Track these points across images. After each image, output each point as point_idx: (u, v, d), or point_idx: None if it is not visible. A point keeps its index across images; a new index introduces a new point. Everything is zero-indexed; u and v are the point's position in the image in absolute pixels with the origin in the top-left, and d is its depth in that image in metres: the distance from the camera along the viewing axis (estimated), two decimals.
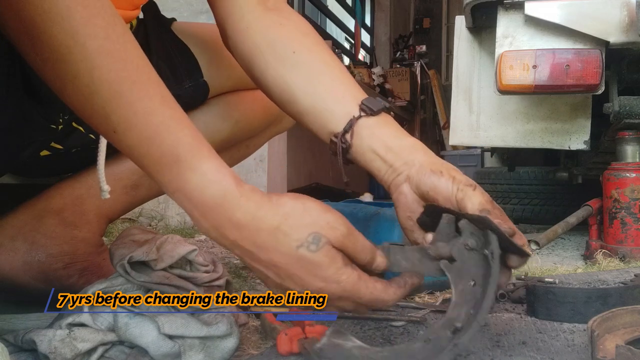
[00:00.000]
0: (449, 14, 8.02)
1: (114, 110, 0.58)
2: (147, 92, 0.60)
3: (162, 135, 0.60)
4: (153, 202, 2.46)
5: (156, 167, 0.61)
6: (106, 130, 0.60)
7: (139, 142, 0.59)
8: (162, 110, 0.61)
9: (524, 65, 1.68)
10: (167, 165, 0.60)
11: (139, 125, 0.59)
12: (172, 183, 0.61)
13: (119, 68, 0.58)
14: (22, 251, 0.97)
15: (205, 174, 0.61)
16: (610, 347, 0.69)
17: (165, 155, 0.60)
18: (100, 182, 0.84)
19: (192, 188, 0.60)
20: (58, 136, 0.91)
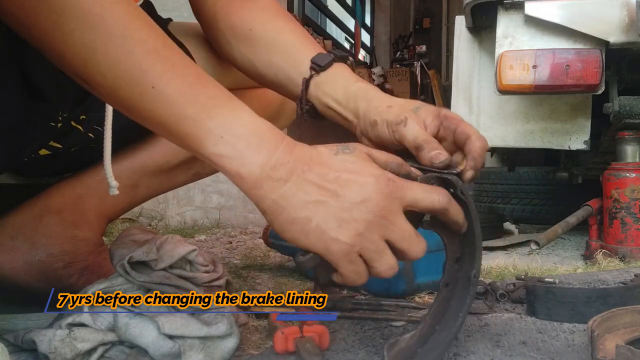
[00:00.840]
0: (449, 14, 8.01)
1: (153, 65, 0.58)
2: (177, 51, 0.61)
3: (205, 81, 0.61)
4: (153, 202, 2.47)
5: (205, 111, 0.59)
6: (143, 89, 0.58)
7: (183, 90, 0.59)
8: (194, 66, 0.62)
9: (524, 65, 1.68)
10: (217, 105, 0.60)
11: (182, 75, 0.59)
12: (222, 124, 0.59)
13: (148, 30, 0.59)
14: (23, 250, 0.97)
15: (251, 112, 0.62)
16: (610, 347, 0.69)
17: (214, 98, 0.60)
18: (108, 178, 0.85)
19: (245, 120, 0.60)
20: (57, 135, 0.91)
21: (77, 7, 0.55)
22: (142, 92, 0.58)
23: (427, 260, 1.16)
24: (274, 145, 0.60)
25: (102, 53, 0.57)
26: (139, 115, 0.61)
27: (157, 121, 0.60)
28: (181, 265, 0.79)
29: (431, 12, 8.89)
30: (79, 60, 0.57)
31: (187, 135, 0.60)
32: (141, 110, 0.60)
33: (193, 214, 2.57)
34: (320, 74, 0.79)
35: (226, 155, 0.59)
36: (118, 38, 0.57)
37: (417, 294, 1.15)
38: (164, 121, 0.60)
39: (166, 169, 1.05)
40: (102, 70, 0.57)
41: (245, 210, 2.55)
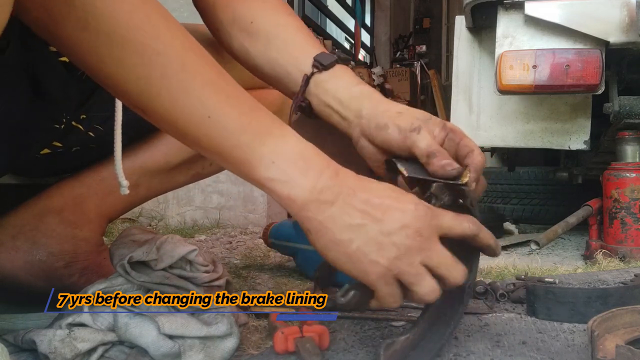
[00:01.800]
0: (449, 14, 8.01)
1: (209, 97, 0.61)
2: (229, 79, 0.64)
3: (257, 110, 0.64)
4: (153, 202, 2.47)
5: (258, 139, 0.62)
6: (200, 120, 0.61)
7: (238, 119, 0.62)
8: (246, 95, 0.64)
9: (524, 65, 1.68)
10: (268, 132, 0.63)
11: (236, 105, 0.62)
12: (274, 150, 0.62)
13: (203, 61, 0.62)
14: (23, 250, 0.97)
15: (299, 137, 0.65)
16: (610, 347, 0.69)
17: (266, 126, 0.63)
18: (119, 177, 0.85)
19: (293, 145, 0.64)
20: (59, 135, 0.92)
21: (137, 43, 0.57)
22: (199, 122, 0.61)
23: None
24: (320, 169, 0.64)
25: (160, 87, 0.59)
26: (194, 143, 0.64)
27: (212, 148, 0.63)
28: (181, 265, 0.79)
29: (431, 12, 8.88)
30: (137, 93, 0.60)
31: (241, 161, 0.63)
32: (197, 138, 0.63)
33: (193, 214, 2.57)
34: (322, 72, 0.79)
35: (277, 180, 0.63)
36: (177, 73, 0.59)
37: None
38: (218, 148, 0.63)
39: (166, 169, 1.05)
40: (161, 103, 0.60)
41: (245, 210, 2.55)
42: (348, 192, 0.63)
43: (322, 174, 0.63)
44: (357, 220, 0.62)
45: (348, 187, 0.63)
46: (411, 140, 0.72)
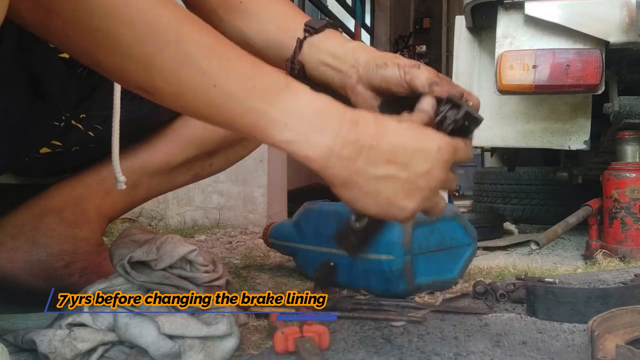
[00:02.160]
0: (449, 14, 8.01)
1: (210, 64, 0.59)
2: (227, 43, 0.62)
3: (260, 70, 0.62)
4: (153, 202, 2.47)
5: (267, 100, 0.61)
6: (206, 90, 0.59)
7: (242, 83, 0.60)
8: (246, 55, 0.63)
9: (524, 65, 1.68)
10: (277, 93, 0.61)
11: (238, 68, 0.61)
12: (285, 110, 0.61)
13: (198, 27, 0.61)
14: (23, 250, 0.97)
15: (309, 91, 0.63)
16: (610, 347, 0.69)
17: (273, 86, 0.61)
18: (116, 173, 0.85)
19: (306, 103, 0.62)
20: (58, 134, 0.91)
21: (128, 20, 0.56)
22: (205, 93, 0.60)
23: (427, 261, 1.17)
24: (338, 123, 0.62)
25: (161, 61, 0.58)
26: (204, 115, 0.62)
27: (222, 117, 0.62)
28: (181, 265, 0.79)
29: (431, 12, 8.88)
30: (139, 72, 0.59)
31: (254, 126, 0.61)
32: (206, 110, 0.61)
33: (193, 214, 2.57)
34: (314, 35, 0.81)
35: (293, 141, 0.61)
36: (175, 45, 0.58)
37: (417, 294, 1.15)
38: (229, 117, 0.61)
39: (166, 169, 1.05)
40: (164, 78, 0.59)
41: (245, 210, 2.55)
42: (371, 143, 0.62)
43: (340, 128, 0.62)
44: (384, 171, 0.63)
45: (369, 136, 0.62)
46: (411, 74, 0.74)
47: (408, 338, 0.85)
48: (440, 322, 0.94)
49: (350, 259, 1.19)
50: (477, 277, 1.30)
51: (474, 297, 1.11)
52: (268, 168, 2.57)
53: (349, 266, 1.19)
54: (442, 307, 1.04)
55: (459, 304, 1.07)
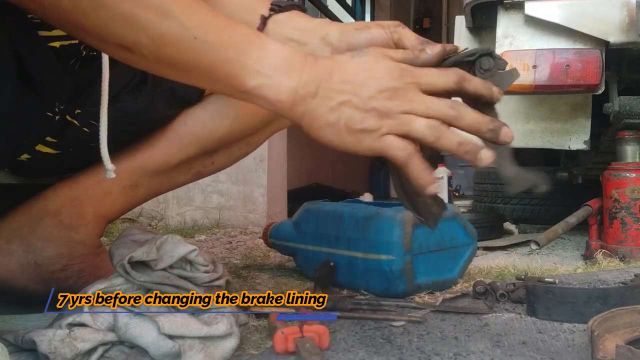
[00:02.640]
0: (449, 14, 8.01)
1: (190, 18, 0.64)
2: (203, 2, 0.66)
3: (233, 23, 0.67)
4: (153, 202, 2.47)
5: (242, 50, 0.66)
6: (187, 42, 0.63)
7: (219, 35, 0.65)
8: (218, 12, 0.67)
9: (524, 65, 1.68)
10: (250, 43, 0.66)
11: (216, 22, 0.66)
12: (258, 58, 0.66)
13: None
14: (19, 254, 0.97)
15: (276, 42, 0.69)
16: (610, 347, 0.69)
17: (246, 36, 0.67)
18: (104, 161, 0.85)
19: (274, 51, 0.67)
20: (54, 129, 0.91)
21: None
22: (187, 46, 0.64)
23: (427, 261, 1.17)
24: (300, 66, 0.67)
25: (144, 16, 0.62)
26: (184, 68, 0.66)
27: (202, 69, 0.66)
28: (181, 265, 0.79)
29: (431, 12, 8.88)
30: (123, 29, 0.62)
31: (231, 75, 0.66)
32: (187, 63, 0.65)
33: (193, 214, 2.57)
34: (279, 14, 0.83)
35: (264, 85, 0.66)
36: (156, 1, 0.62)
37: (417, 294, 1.15)
38: (209, 68, 0.66)
39: (166, 169, 1.04)
40: (148, 33, 0.62)
41: (245, 210, 2.55)
42: (325, 77, 0.66)
43: (302, 70, 0.67)
44: (338, 99, 0.66)
45: (325, 72, 0.67)
46: (399, 33, 0.74)
47: (408, 338, 0.85)
48: (440, 322, 0.94)
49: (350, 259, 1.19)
50: (477, 277, 1.30)
51: (474, 297, 1.11)
52: (268, 168, 2.57)
53: (349, 266, 1.19)
54: (442, 307, 1.04)
55: (459, 304, 1.07)
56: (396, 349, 0.80)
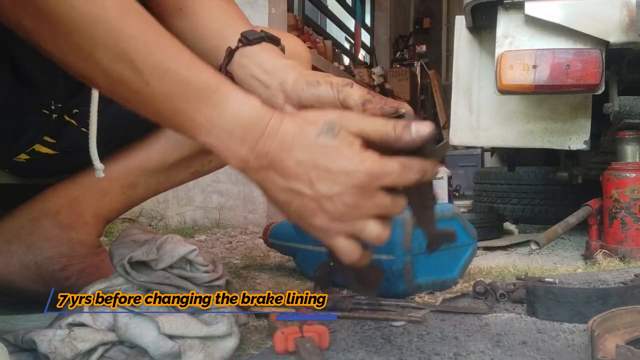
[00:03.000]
0: (449, 14, 8.01)
1: (145, 62, 0.60)
2: (168, 40, 0.63)
3: (196, 72, 0.63)
4: (153, 202, 2.47)
5: (195, 106, 0.62)
6: (138, 87, 0.61)
7: (175, 86, 0.62)
8: (185, 53, 0.64)
9: (524, 65, 1.68)
10: (205, 99, 0.63)
11: (173, 69, 0.62)
12: (211, 118, 0.63)
13: (138, 22, 0.62)
14: (19, 254, 0.97)
15: (241, 98, 0.64)
16: (610, 347, 0.69)
17: (202, 91, 0.63)
18: (93, 160, 0.85)
19: (231, 113, 0.63)
20: (51, 129, 0.91)
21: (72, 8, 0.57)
22: (138, 89, 0.61)
23: (427, 260, 1.17)
24: (258, 134, 0.63)
25: (98, 53, 0.59)
26: (135, 108, 0.64)
27: (152, 114, 0.64)
28: (181, 265, 0.79)
29: (431, 12, 8.88)
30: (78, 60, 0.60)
31: (181, 127, 0.64)
32: (139, 105, 0.63)
33: (193, 214, 2.57)
34: (248, 47, 0.80)
35: (215, 146, 0.64)
36: (111, 37, 0.59)
37: (417, 294, 1.15)
38: (158, 114, 0.64)
39: (164, 168, 1.04)
40: (101, 69, 0.60)
41: (245, 210, 2.55)
42: (282, 155, 0.63)
43: (259, 139, 0.63)
44: (291, 183, 0.63)
45: (284, 147, 0.63)
46: (345, 93, 0.71)
47: (408, 338, 0.85)
48: (440, 322, 0.94)
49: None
50: (477, 277, 1.30)
51: (474, 297, 1.11)
52: None
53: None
54: (442, 307, 1.04)
55: (459, 304, 1.07)
56: (396, 349, 0.80)
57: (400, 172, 0.64)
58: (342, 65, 5.45)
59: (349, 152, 0.63)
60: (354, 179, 0.62)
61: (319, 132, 0.64)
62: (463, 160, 5.57)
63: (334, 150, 0.63)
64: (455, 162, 5.53)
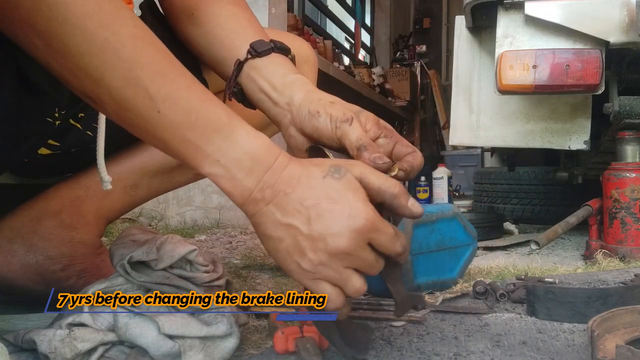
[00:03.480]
0: (449, 14, 8.01)
1: (158, 90, 0.60)
2: (182, 70, 0.63)
3: (207, 104, 0.63)
4: (153, 202, 2.47)
5: (205, 136, 0.62)
6: (148, 113, 0.61)
7: (186, 114, 0.61)
8: (198, 85, 0.64)
9: (524, 65, 1.68)
10: (216, 129, 0.62)
11: (185, 98, 0.62)
12: (220, 148, 0.62)
13: (153, 51, 0.62)
14: (20, 253, 0.97)
15: (249, 132, 0.64)
16: (610, 347, 0.69)
17: (214, 122, 0.63)
18: (101, 173, 0.85)
19: (241, 144, 0.63)
20: (55, 133, 0.91)
21: (86, 31, 0.57)
22: (147, 116, 0.61)
23: (427, 261, 1.17)
24: (266, 166, 0.63)
25: (110, 77, 0.59)
26: (142, 135, 0.64)
27: (159, 142, 0.63)
28: (181, 265, 0.79)
29: (431, 12, 8.87)
30: (87, 83, 0.60)
31: (187, 156, 0.63)
32: (145, 131, 0.63)
33: (193, 214, 2.57)
34: (257, 59, 0.79)
35: (220, 176, 0.63)
36: (126, 63, 0.59)
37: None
38: (166, 142, 0.63)
39: (167, 169, 1.04)
40: (110, 93, 0.60)
41: None
42: (286, 189, 0.63)
43: (266, 172, 0.63)
44: (288, 219, 0.63)
45: (289, 183, 0.63)
46: (342, 130, 0.70)
47: (408, 338, 0.85)
48: (440, 322, 0.94)
49: None
50: (477, 277, 1.30)
51: (474, 297, 1.11)
52: None
53: None
54: (442, 307, 1.04)
55: (459, 304, 1.07)
56: (396, 350, 0.80)
57: (392, 237, 0.64)
58: (342, 65, 5.45)
59: (353, 197, 0.63)
60: (354, 223, 0.62)
61: (325, 174, 0.64)
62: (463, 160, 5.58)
63: (339, 192, 0.63)
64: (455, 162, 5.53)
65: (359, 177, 0.64)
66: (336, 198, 0.62)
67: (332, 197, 0.63)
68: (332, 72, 4.31)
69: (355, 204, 0.62)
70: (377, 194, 0.65)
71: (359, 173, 0.65)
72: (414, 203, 0.66)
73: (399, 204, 0.65)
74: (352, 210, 0.62)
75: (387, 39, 8.46)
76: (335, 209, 0.62)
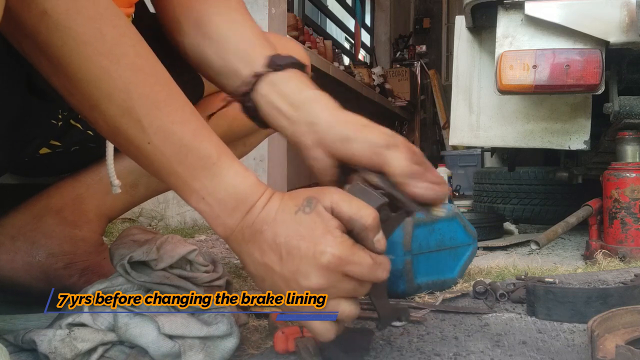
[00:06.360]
0: (449, 14, 8.01)
1: (151, 122, 0.61)
2: (179, 103, 0.64)
3: (199, 140, 0.64)
4: (153, 202, 2.47)
5: (193, 173, 0.63)
6: (139, 143, 0.62)
7: (177, 150, 0.62)
8: (194, 119, 0.64)
9: (524, 65, 1.68)
10: (204, 168, 0.63)
11: (177, 133, 0.62)
12: (206, 187, 0.63)
13: (152, 82, 0.62)
14: (23, 251, 0.97)
15: (239, 172, 0.65)
16: (610, 347, 0.69)
17: (203, 159, 0.63)
18: (111, 177, 0.85)
19: (226, 185, 0.64)
20: (57, 133, 0.91)
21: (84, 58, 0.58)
22: (139, 145, 0.62)
23: (427, 261, 1.17)
24: (248, 206, 0.64)
25: (105, 105, 0.60)
26: (133, 158, 0.66)
27: (149, 168, 0.65)
28: (181, 265, 0.79)
29: (431, 12, 8.88)
30: (84, 105, 0.61)
31: (175, 186, 0.65)
32: (136, 157, 0.65)
33: (193, 214, 2.57)
34: (274, 73, 0.76)
35: (205, 213, 0.65)
36: (121, 93, 0.60)
37: (417, 294, 1.15)
38: (155, 170, 0.65)
39: None
40: (104, 119, 0.61)
41: None
42: (262, 228, 0.63)
43: (249, 212, 0.63)
44: (265, 260, 0.63)
45: (265, 222, 0.63)
46: (384, 157, 0.67)
47: (408, 338, 0.85)
48: (440, 322, 0.94)
49: None
50: (477, 277, 1.30)
51: (474, 297, 1.11)
52: (268, 168, 2.56)
53: None
54: (442, 307, 1.04)
55: (459, 304, 1.07)
56: (396, 351, 0.80)
57: (370, 267, 0.62)
58: (342, 65, 5.45)
59: (322, 232, 0.61)
60: (320, 261, 0.60)
61: (297, 208, 0.63)
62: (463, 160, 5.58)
63: (307, 227, 0.62)
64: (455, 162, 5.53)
65: (329, 206, 0.63)
66: (303, 234, 0.61)
67: (300, 234, 0.61)
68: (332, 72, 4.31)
69: (322, 239, 0.61)
70: (348, 223, 0.63)
71: (330, 202, 0.63)
72: (379, 240, 0.64)
73: (365, 237, 0.63)
74: (317, 247, 0.60)
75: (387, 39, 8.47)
76: (302, 246, 0.61)
